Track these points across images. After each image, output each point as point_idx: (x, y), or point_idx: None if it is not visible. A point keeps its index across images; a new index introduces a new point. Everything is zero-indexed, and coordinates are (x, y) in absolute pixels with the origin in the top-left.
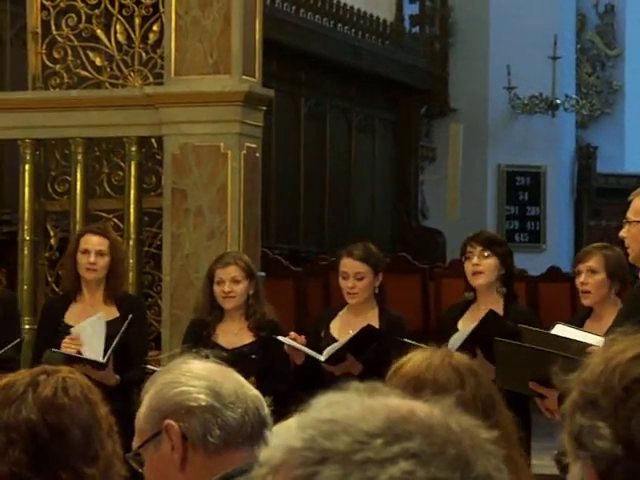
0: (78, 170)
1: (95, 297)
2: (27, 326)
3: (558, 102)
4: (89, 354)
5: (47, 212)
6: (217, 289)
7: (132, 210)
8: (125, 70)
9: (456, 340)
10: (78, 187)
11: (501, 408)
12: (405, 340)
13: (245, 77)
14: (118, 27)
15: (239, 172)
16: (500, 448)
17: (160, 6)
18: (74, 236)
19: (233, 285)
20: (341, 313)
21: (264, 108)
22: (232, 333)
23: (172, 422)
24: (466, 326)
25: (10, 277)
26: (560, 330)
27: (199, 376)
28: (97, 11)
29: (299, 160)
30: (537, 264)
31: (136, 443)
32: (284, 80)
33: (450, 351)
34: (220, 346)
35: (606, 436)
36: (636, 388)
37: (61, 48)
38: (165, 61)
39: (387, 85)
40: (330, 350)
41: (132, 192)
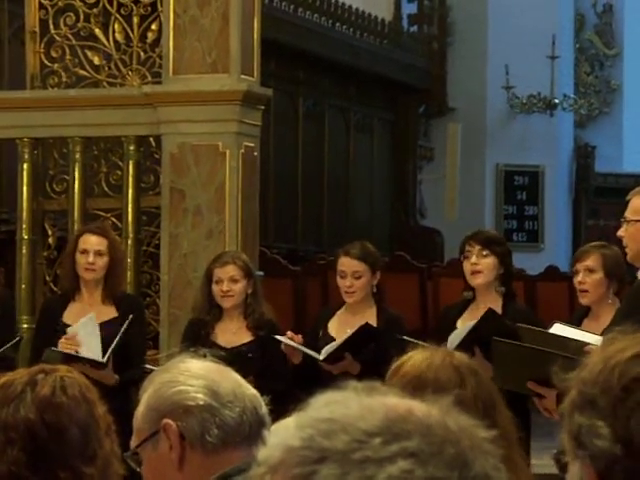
0: (76, 169)
1: (94, 296)
2: (25, 325)
3: (556, 101)
4: (87, 354)
5: (45, 211)
6: (215, 288)
7: (130, 209)
8: (123, 69)
9: (455, 338)
10: (76, 186)
11: (501, 408)
12: (405, 338)
13: (243, 76)
14: (116, 26)
15: (237, 171)
16: (498, 447)
17: (158, 5)
18: (73, 235)
19: (231, 284)
20: (339, 312)
21: (262, 107)
22: (231, 332)
23: (170, 421)
24: (465, 325)
25: (8, 276)
26: (558, 329)
27: (197, 375)
28: (95, 10)
29: (297, 159)
30: (535, 263)
31: (134, 442)
32: (282, 79)
33: (451, 351)
34: (219, 345)
35: (605, 435)
36: (635, 387)
37: (59, 47)
38: (163, 60)
39: (385, 84)
40: (328, 349)
41: (130, 191)
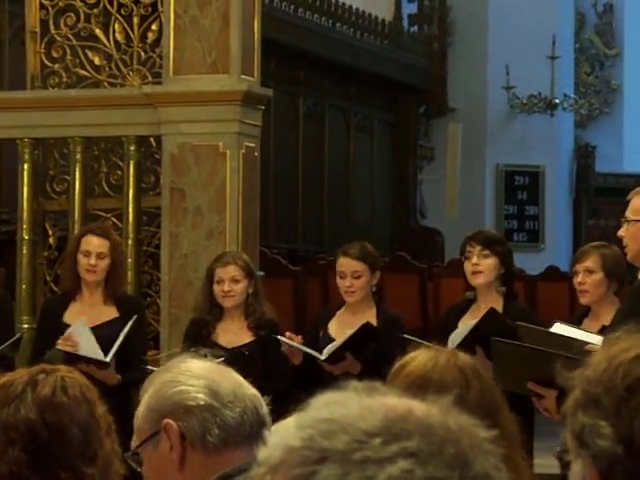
0: (77, 169)
1: (94, 297)
2: (26, 325)
3: (557, 101)
4: (88, 354)
5: (46, 211)
6: (217, 288)
7: (131, 209)
8: (124, 69)
9: (456, 337)
10: (77, 186)
11: (504, 410)
12: (406, 337)
13: (244, 76)
14: (117, 26)
15: (238, 171)
16: (499, 447)
17: (159, 5)
18: (75, 236)
19: (232, 284)
20: (339, 312)
21: (263, 107)
22: (232, 332)
23: (171, 421)
24: (466, 324)
25: (9, 276)
26: (558, 329)
27: (198, 375)
28: (96, 10)
29: (298, 159)
30: (536, 263)
31: (135, 442)
32: (283, 79)
33: (456, 352)
34: (220, 345)
35: (607, 435)
36: (638, 388)
37: (60, 47)
38: (164, 60)
39: (386, 85)
40: (330, 349)
41: (131, 191)
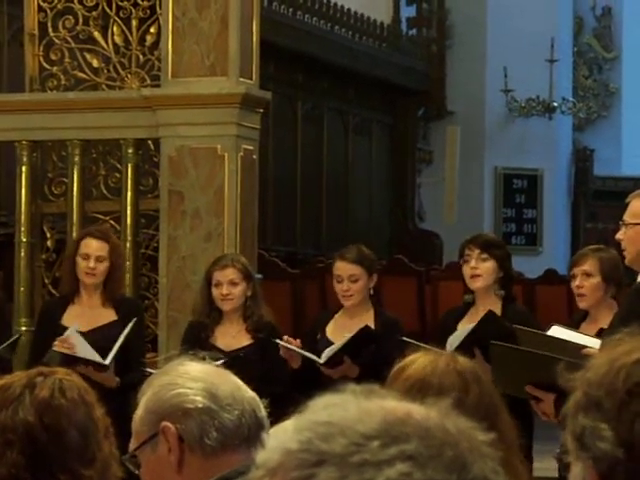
0: (75, 172)
1: (93, 299)
2: (24, 328)
3: (555, 105)
4: (85, 356)
5: (44, 214)
6: (215, 291)
7: (129, 212)
8: (122, 72)
9: (454, 340)
10: (75, 189)
11: (503, 414)
12: (405, 339)
13: (242, 79)
14: (115, 29)
15: (236, 174)
16: (497, 450)
17: (157, 8)
18: (75, 238)
19: (231, 287)
20: (336, 316)
21: (261, 110)
22: (230, 335)
23: (169, 424)
24: (464, 327)
25: (7, 279)
26: (556, 332)
27: (196, 378)
28: (94, 13)
29: (296, 162)
30: (534, 267)
31: (133, 445)
32: (281, 82)
33: (455, 356)
34: (218, 348)
35: (608, 438)
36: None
37: (58, 50)
38: (162, 63)
39: (384, 87)
40: (328, 352)
41: (129, 194)
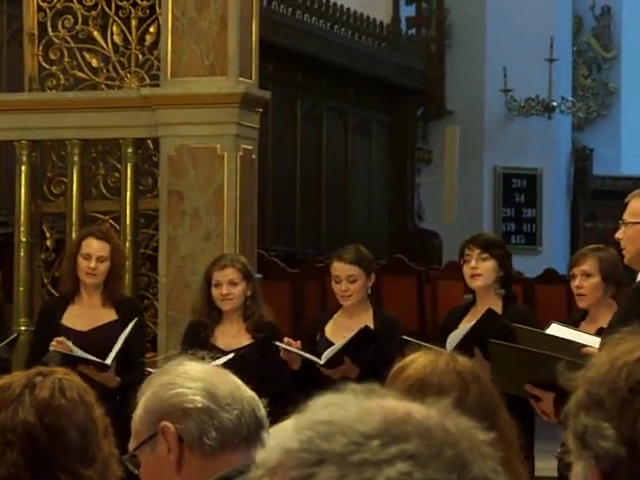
0: (74, 171)
1: (93, 299)
2: (23, 328)
3: (554, 104)
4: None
5: (43, 213)
6: (215, 291)
7: (128, 212)
8: (121, 72)
9: (454, 338)
10: (74, 188)
11: (502, 414)
12: (405, 338)
13: (241, 79)
14: (115, 28)
15: (235, 174)
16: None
17: (157, 8)
18: (76, 238)
19: (231, 287)
20: (335, 316)
21: (260, 110)
22: (230, 335)
23: (168, 424)
24: (464, 326)
25: (6, 279)
26: (555, 329)
27: (195, 378)
28: (94, 12)
29: (295, 162)
30: (533, 266)
31: (132, 445)
32: (280, 82)
33: (455, 355)
34: (218, 348)
35: (610, 437)
36: None
37: (57, 49)
38: (161, 63)
39: (383, 87)
40: (329, 353)
41: (128, 194)
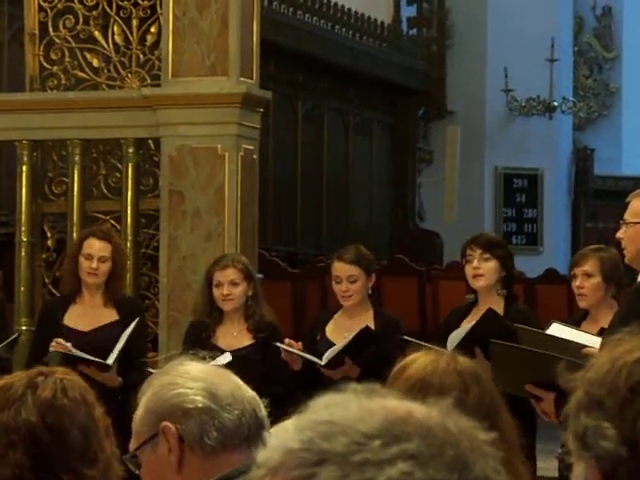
0: (75, 171)
1: (95, 299)
2: (24, 327)
3: (555, 104)
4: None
5: (44, 213)
6: (216, 291)
7: (129, 212)
8: (122, 72)
9: (454, 338)
10: (75, 188)
11: (503, 414)
12: (406, 338)
13: (242, 79)
14: (116, 29)
15: (236, 174)
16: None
17: (158, 8)
18: (77, 238)
19: (232, 287)
20: (336, 316)
21: (261, 110)
22: (231, 335)
23: (169, 424)
24: (465, 326)
25: (7, 279)
26: (556, 329)
27: (196, 378)
28: (95, 12)
29: (296, 162)
30: (534, 266)
31: (133, 445)
32: (281, 82)
33: (456, 355)
34: (219, 348)
35: (611, 437)
36: None
37: (58, 49)
38: (162, 63)
39: (385, 87)
40: (329, 354)
41: (129, 194)
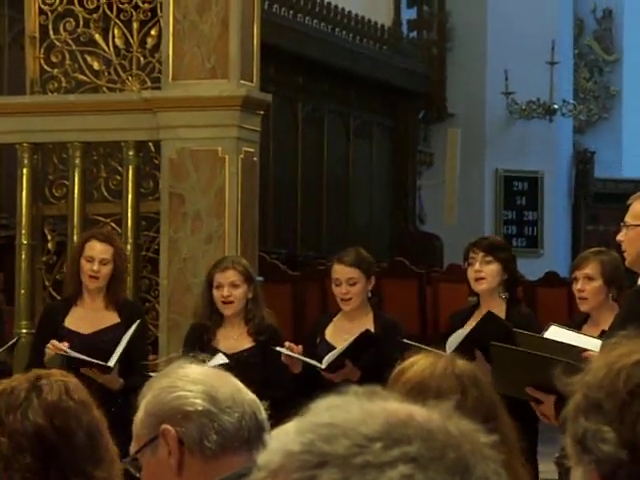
0: (76, 174)
1: (96, 302)
2: (24, 330)
3: (556, 107)
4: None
5: (45, 216)
6: (216, 293)
7: (130, 214)
8: (123, 74)
9: (453, 341)
10: (76, 191)
11: (503, 417)
12: (406, 341)
13: (243, 82)
14: (116, 31)
15: (237, 176)
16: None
17: (158, 11)
18: (78, 241)
19: (232, 289)
20: (335, 319)
21: (262, 112)
22: (232, 338)
23: (169, 427)
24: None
25: (7, 281)
26: (554, 332)
27: (196, 381)
28: (95, 15)
29: (297, 164)
30: (535, 269)
31: (133, 448)
32: (282, 84)
33: (454, 359)
34: (220, 351)
35: (610, 440)
36: None
37: (59, 52)
38: (163, 65)
39: (385, 90)
40: (330, 357)
41: (130, 196)
